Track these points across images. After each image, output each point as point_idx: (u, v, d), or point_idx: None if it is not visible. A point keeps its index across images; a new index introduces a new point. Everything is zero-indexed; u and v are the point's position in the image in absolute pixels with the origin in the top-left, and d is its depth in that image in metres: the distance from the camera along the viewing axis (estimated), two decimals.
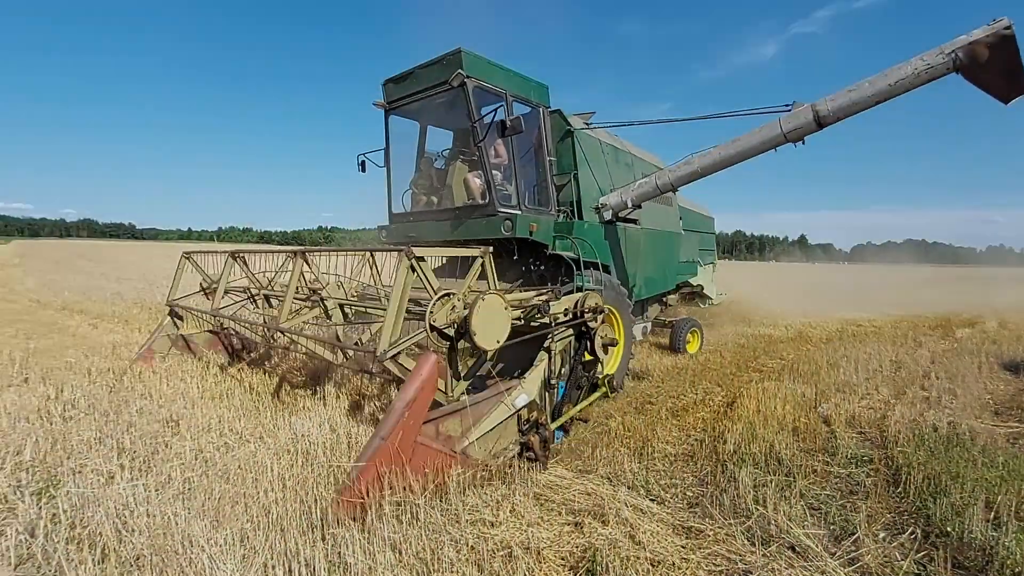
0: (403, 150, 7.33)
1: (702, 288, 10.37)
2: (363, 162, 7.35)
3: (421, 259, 4.00)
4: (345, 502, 3.03)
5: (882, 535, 3.19)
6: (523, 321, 4.71)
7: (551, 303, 4.60)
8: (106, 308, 11.72)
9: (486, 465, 3.81)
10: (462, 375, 4.34)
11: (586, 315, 4.89)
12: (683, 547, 2.96)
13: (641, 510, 3.34)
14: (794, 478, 3.89)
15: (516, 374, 4.52)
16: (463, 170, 6.51)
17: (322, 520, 3.00)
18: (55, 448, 3.96)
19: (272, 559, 2.53)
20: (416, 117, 7.16)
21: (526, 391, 4.18)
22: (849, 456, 4.41)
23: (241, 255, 6.28)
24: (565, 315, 4.78)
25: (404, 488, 3.22)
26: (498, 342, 3.94)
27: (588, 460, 4.29)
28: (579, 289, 5.59)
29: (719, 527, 3.18)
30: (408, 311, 4.13)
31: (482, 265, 4.47)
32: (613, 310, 6.37)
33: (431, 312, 3.92)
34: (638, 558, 2.73)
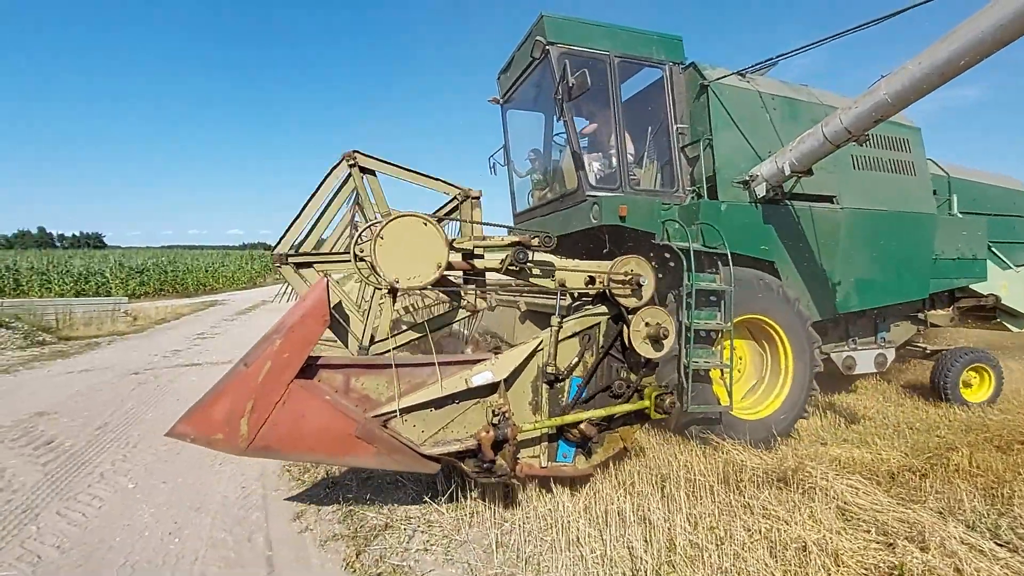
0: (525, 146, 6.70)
1: (998, 300, 6.85)
2: (493, 165, 6.93)
3: (370, 173, 3.59)
4: (191, 423, 2.79)
5: None
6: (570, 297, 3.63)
7: (528, 251, 3.29)
8: None
9: (417, 454, 3.04)
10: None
11: (614, 287, 3.44)
12: None
13: (980, 550, 2.91)
14: None
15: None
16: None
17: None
18: None
19: (596, 502, 3.30)
20: (535, 106, 6.43)
21: (494, 369, 3.18)
22: None
23: None
24: (591, 284, 3.51)
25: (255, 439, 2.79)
26: (425, 279, 3.07)
27: (913, 490, 3.84)
28: (690, 292, 4.26)
29: None
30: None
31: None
32: (770, 323, 4.89)
33: (358, 239, 3.34)
34: None
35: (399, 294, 3.81)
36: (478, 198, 4.19)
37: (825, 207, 5.52)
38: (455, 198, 4.20)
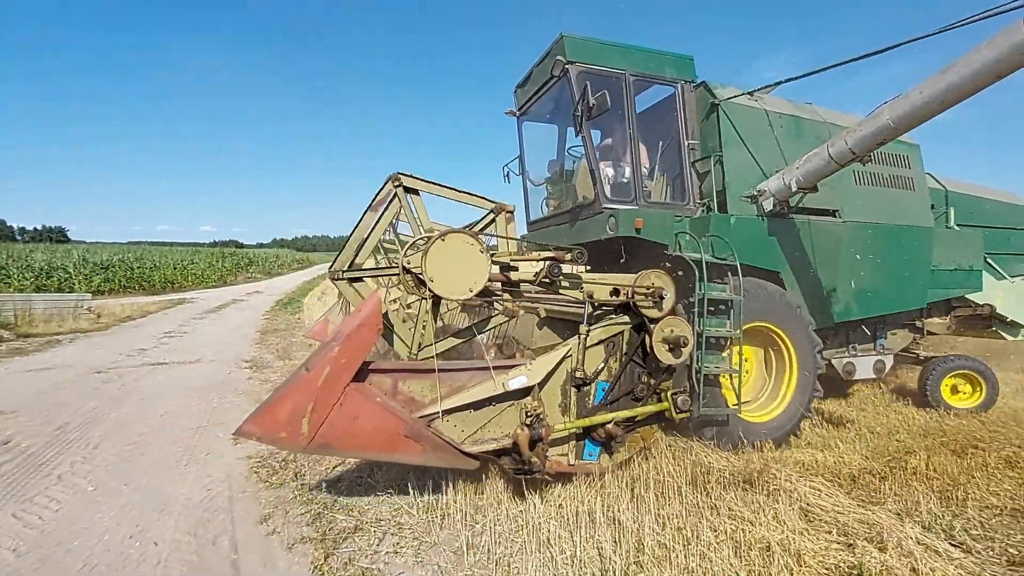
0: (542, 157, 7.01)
1: (993, 310, 7.06)
2: (507, 173, 7.20)
3: (413, 192, 3.81)
4: (257, 423, 3.02)
5: None
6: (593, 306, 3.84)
7: (561, 265, 3.59)
8: None
9: (459, 452, 3.29)
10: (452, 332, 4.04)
11: (638, 299, 3.76)
12: None
13: (935, 551, 3.03)
14: None
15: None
16: (586, 167, 5.72)
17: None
18: None
19: (567, 503, 3.32)
20: (551, 120, 6.74)
21: (528, 374, 3.46)
22: None
23: None
24: (615, 296, 3.83)
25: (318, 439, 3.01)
26: (470, 291, 3.32)
27: (874, 492, 3.96)
28: (701, 301, 4.49)
29: None
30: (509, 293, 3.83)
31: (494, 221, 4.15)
32: (774, 328, 5.11)
33: (406, 253, 3.59)
34: None
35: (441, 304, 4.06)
36: (512, 212, 4.36)
37: (828, 221, 5.75)
38: (491, 211, 4.40)
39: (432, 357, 3.51)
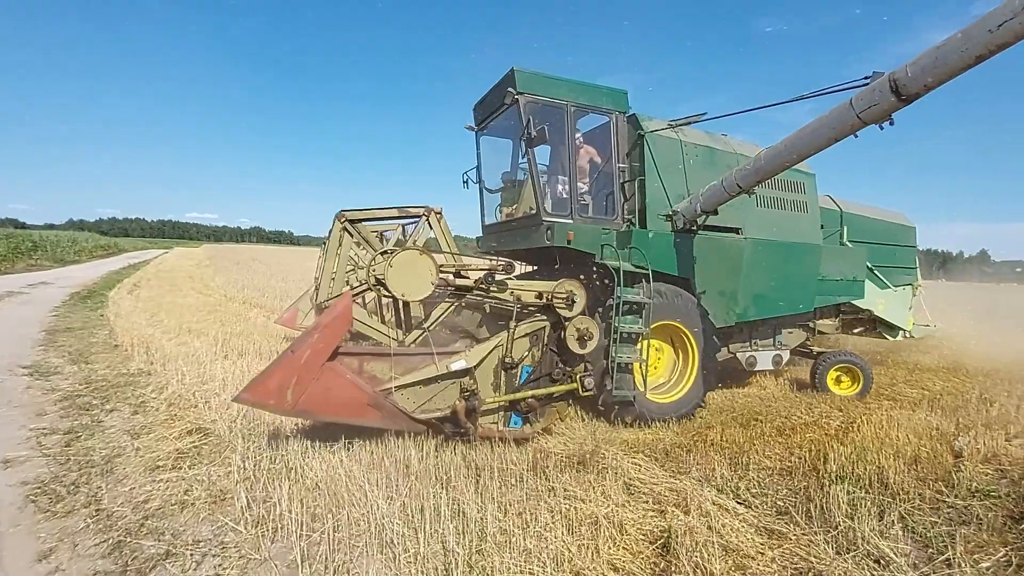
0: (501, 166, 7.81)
1: (872, 313, 8.30)
2: (466, 180, 7.82)
3: (355, 223, 5.36)
4: (252, 392, 3.76)
5: (984, 565, 3.12)
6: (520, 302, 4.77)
7: (495, 274, 4.64)
8: (276, 303, 14.01)
9: (411, 418, 4.17)
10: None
11: (556, 302, 4.79)
12: (761, 543, 3.19)
13: (725, 508, 3.60)
14: (896, 501, 3.84)
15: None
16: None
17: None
18: None
19: (412, 500, 3.28)
20: (506, 135, 7.47)
21: (467, 359, 4.44)
22: (972, 489, 4.17)
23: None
24: (539, 299, 4.83)
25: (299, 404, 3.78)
26: (432, 284, 4.30)
27: (682, 463, 4.55)
28: (619, 302, 5.34)
29: (802, 533, 3.34)
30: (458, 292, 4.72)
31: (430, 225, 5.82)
32: (678, 326, 6.05)
33: (373, 264, 4.60)
34: (712, 542, 3.04)
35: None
36: (440, 212, 5.82)
37: (732, 237, 6.73)
38: (423, 216, 5.81)
39: (389, 343, 4.75)
